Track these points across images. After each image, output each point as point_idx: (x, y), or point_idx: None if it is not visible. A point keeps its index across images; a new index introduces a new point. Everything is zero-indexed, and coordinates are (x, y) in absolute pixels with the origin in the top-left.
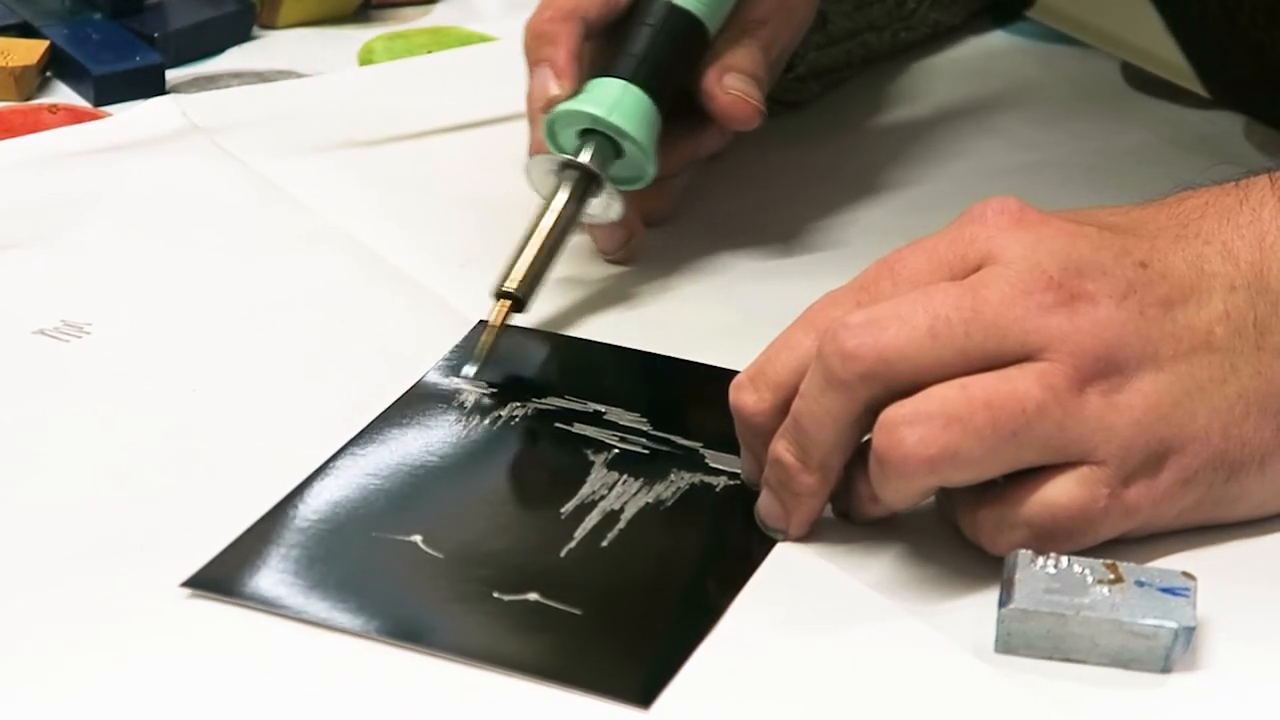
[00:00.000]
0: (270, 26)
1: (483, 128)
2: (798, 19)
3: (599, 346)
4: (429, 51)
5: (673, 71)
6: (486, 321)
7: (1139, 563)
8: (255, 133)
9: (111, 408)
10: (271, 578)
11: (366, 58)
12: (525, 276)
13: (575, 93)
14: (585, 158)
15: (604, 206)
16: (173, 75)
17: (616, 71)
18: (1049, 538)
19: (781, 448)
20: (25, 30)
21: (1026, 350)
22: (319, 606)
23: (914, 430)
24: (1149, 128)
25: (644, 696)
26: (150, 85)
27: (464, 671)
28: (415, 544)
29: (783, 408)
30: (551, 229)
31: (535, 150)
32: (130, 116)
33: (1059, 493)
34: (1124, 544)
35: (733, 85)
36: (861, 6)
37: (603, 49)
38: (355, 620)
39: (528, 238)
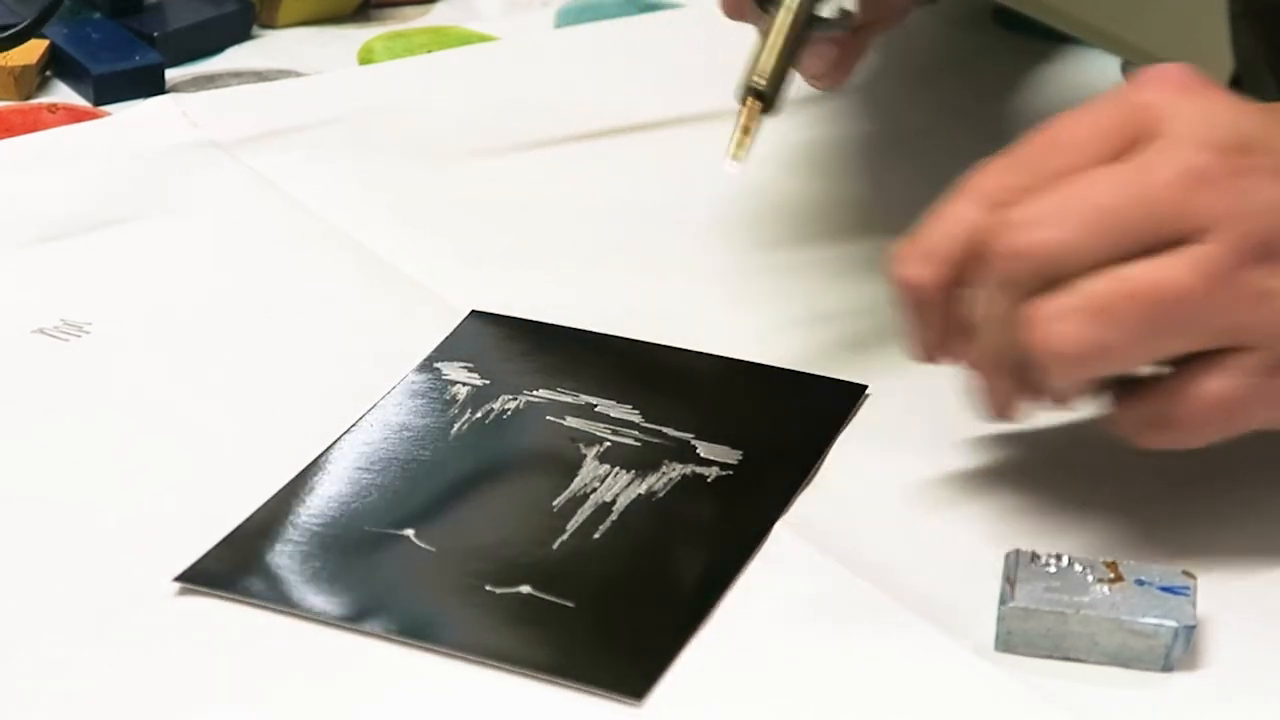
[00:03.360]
0: (270, 26)
1: (483, 127)
2: None
3: (590, 336)
4: (429, 51)
5: None
6: (477, 311)
7: (1139, 562)
8: (255, 132)
9: (111, 407)
10: (264, 572)
11: (366, 58)
12: (773, 73)
13: None
14: None
15: (834, 13)
16: (173, 75)
17: None
18: (1199, 430)
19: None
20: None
21: (1187, 231)
22: (311, 601)
23: (1064, 325)
24: None
25: (637, 689)
26: (150, 85)
27: (456, 665)
28: (407, 538)
29: (948, 280)
30: (792, 26)
31: None
32: (130, 116)
33: (1210, 383)
34: (1124, 543)
35: None
36: None
37: None
38: (348, 615)
39: (767, 36)
